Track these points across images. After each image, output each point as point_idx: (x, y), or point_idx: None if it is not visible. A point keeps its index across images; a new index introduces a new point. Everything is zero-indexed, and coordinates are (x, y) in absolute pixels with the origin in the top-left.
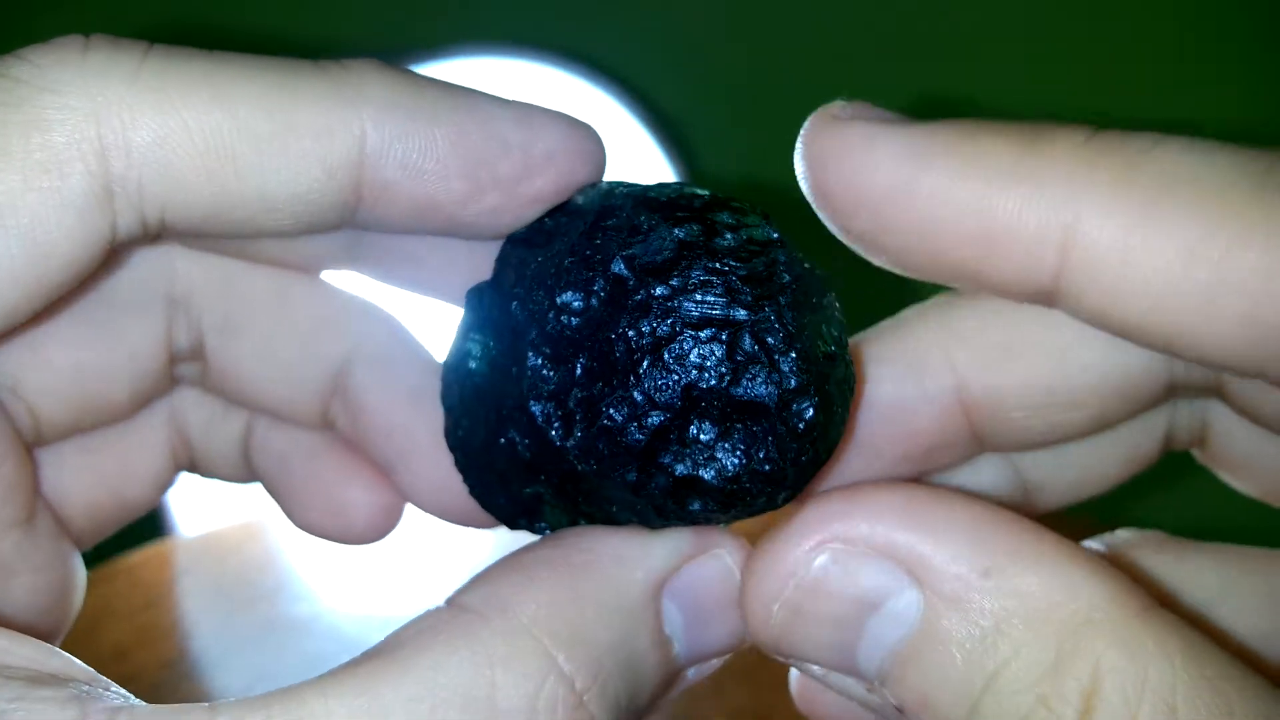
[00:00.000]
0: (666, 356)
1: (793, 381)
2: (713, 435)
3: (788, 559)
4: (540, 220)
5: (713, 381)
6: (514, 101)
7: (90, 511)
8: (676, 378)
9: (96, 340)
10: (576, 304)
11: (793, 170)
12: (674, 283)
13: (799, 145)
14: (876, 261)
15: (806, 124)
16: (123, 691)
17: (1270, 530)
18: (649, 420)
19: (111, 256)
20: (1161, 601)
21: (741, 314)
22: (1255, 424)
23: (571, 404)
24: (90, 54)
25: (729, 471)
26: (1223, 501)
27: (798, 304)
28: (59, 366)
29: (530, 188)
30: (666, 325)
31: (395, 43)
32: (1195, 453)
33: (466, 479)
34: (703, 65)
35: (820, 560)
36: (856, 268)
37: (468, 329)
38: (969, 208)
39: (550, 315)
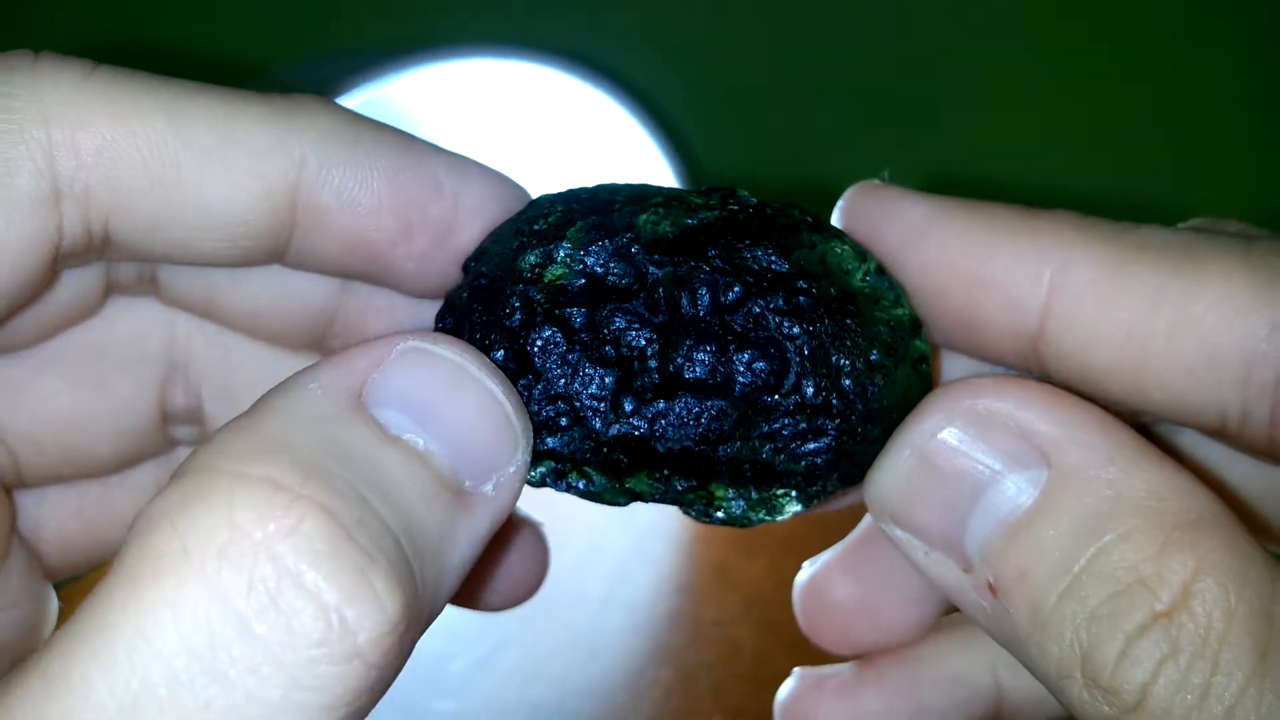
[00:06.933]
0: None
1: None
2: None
3: (938, 414)
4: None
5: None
6: (450, 150)
7: (66, 551)
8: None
9: (84, 390)
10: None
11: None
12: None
13: (842, 201)
14: None
15: (850, 189)
16: None
17: None
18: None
19: (53, 271)
20: None
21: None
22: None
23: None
24: (40, 63)
25: None
26: None
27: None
28: (42, 412)
29: (456, 241)
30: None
31: (394, 42)
32: None
33: None
34: (702, 65)
35: (962, 422)
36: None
37: None
38: (971, 253)
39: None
